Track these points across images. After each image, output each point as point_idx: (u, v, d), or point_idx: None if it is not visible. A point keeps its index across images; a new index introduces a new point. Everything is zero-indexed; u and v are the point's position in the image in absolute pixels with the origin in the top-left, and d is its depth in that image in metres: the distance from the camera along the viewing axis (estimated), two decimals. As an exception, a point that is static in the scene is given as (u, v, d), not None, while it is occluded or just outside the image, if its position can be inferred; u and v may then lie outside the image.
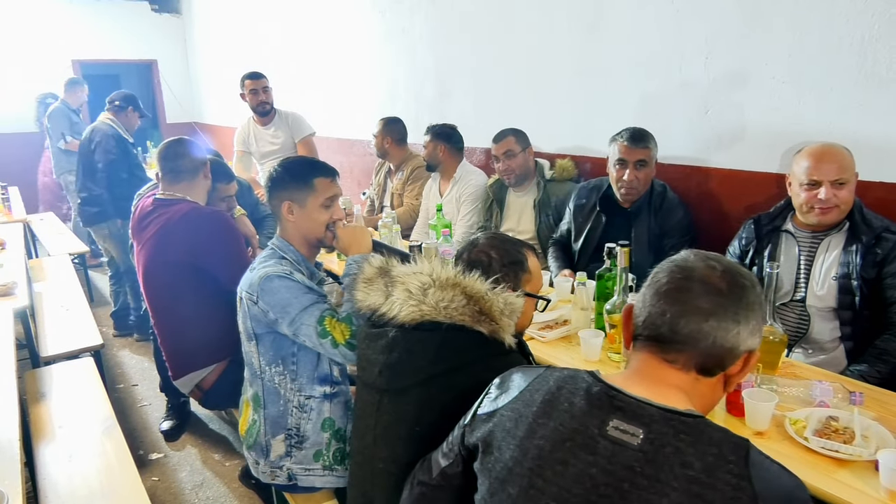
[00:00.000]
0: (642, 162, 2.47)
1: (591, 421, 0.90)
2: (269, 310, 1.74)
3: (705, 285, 0.93)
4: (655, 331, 0.94)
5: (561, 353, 1.95)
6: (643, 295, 0.98)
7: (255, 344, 1.82)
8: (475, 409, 1.08)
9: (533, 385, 1.01)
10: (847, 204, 1.90)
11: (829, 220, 1.92)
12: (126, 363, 3.99)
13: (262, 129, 4.38)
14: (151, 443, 3.06)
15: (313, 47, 5.57)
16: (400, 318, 1.34)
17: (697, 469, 0.82)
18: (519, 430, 0.96)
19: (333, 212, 1.89)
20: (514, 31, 3.42)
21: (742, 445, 0.84)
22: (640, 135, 2.48)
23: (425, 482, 1.17)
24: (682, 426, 0.86)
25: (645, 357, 0.97)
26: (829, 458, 1.34)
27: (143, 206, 2.60)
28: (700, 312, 0.92)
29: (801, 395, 1.58)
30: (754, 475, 0.81)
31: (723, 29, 2.45)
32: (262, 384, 1.83)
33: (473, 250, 1.46)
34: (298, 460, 1.82)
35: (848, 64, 2.11)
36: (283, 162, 1.93)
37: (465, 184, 3.41)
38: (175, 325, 2.51)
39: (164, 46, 8.82)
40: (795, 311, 2.03)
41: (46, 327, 3.01)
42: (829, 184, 1.87)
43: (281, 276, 1.74)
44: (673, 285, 0.94)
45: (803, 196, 1.94)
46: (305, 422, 1.81)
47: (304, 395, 1.81)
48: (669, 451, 0.84)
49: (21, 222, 4.66)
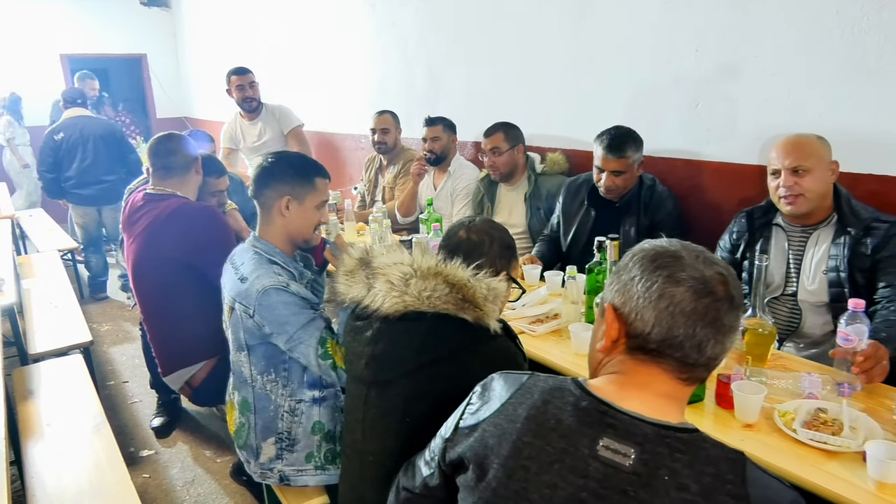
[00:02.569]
0: (617, 172, 2.46)
1: (580, 440, 0.86)
2: (266, 325, 1.71)
3: (725, 301, 0.87)
4: (679, 352, 0.87)
5: (551, 346, 1.95)
6: (653, 308, 0.87)
7: (245, 354, 1.79)
8: (457, 422, 1.03)
9: (516, 398, 0.95)
10: (813, 192, 1.88)
11: (798, 210, 1.91)
12: (116, 360, 3.97)
13: (249, 124, 4.36)
14: (142, 439, 3.05)
15: (303, 41, 5.53)
16: (383, 309, 1.33)
17: (694, 492, 0.79)
18: (503, 448, 0.91)
19: (322, 214, 1.89)
20: (504, 24, 3.41)
21: (739, 462, 0.82)
22: (617, 143, 2.43)
23: (409, 489, 1.15)
24: (678, 444, 0.83)
25: (651, 372, 0.90)
26: (817, 450, 1.34)
27: (134, 201, 2.58)
28: (724, 331, 0.87)
29: (791, 387, 1.59)
30: (752, 495, 0.79)
31: (713, 21, 2.44)
32: (253, 391, 1.81)
33: (471, 229, 1.46)
34: (290, 462, 1.81)
35: (838, 56, 2.10)
36: (283, 155, 1.90)
37: (459, 178, 3.40)
38: (165, 321, 2.50)
39: (154, 40, 8.73)
40: (787, 304, 2.03)
41: (35, 324, 2.99)
42: (788, 172, 1.88)
43: (278, 290, 1.70)
44: (700, 305, 0.86)
45: (771, 186, 1.96)
46: (297, 426, 1.80)
47: (295, 399, 1.79)
48: (664, 473, 0.80)
49: (9, 218, 4.62)
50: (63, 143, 4.84)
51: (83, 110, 5.03)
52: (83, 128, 4.87)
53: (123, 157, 4.99)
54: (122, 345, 4.21)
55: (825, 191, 1.91)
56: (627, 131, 2.47)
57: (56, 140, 4.84)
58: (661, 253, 0.90)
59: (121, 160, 4.97)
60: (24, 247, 5.23)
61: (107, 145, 4.90)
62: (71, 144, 4.84)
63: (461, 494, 0.98)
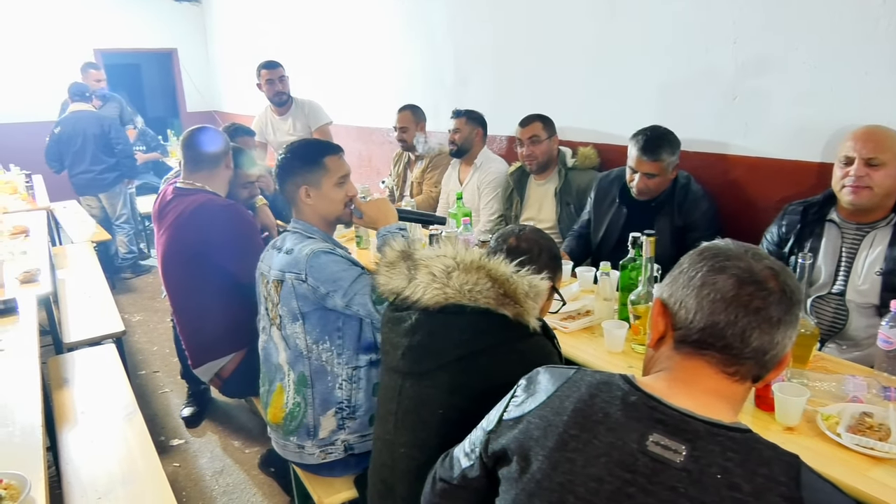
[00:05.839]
0: (651, 175, 2.41)
1: (629, 435, 0.84)
2: (320, 285, 1.75)
3: (774, 293, 0.85)
4: (721, 341, 0.86)
5: (584, 343, 1.92)
6: (696, 296, 0.87)
7: (300, 324, 1.82)
8: (500, 414, 1.01)
9: (562, 391, 0.94)
10: (882, 188, 1.82)
11: (860, 201, 1.85)
12: (147, 350, 4.04)
13: (278, 118, 4.37)
14: (172, 429, 3.09)
15: (332, 34, 5.54)
16: (423, 301, 1.33)
17: (746, 492, 0.77)
18: (548, 440, 0.90)
19: (348, 188, 1.91)
20: (534, 17, 3.36)
21: (794, 465, 0.80)
22: (652, 146, 2.37)
23: (447, 480, 1.14)
24: (730, 443, 0.80)
25: (696, 366, 0.89)
26: (863, 456, 1.30)
27: (165, 194, 2.60)
28: (771, 322, 0.85)
29: (833, 389, 1.53)
30: (806, 498, 0.77)
31: (751, 12, 2.37)
32: (310, 364, 1.84)
33: (521, 237, 1.48)
34: (353, 430, 1.85)
35: (883, 48, 2.03)
36: (289, 147, 1.93)
37: (486, 171, 3.38)
38: (193, 314, 2.52)
39: (184, 35, 8.86)
40: (832, 304, 1.97)
41: (69, 314, 3.04)
42: (862, 161, 1.82)
43: (327, 252, 1.77)
44: (743, 291, 0.85)
45: (838, 174, 1.89)
46: (356, 391, 1.84)
47: (352, 366, 1.83)
48: (716, 471, 0.78)
49: (45, 210, 4.71)
50: (62, 136, 5.26)
51: (84, 104, 5.39)
52: (77, 121, 5.26)
53: (110, 148, 5.31)
54: (153, 335, 4.27)
55: (892, 190, 1.85)
56: (664, 133, 2.41)
57: (55, 134, 5.27)
58: (710, 247, 0.92)
59: (107, 151, 5.30)
60: (59, 237, 5.33)
61: (94, 137, 5.26)
62: (66, 137, 5.25)
63: (503, 487, 0.96)
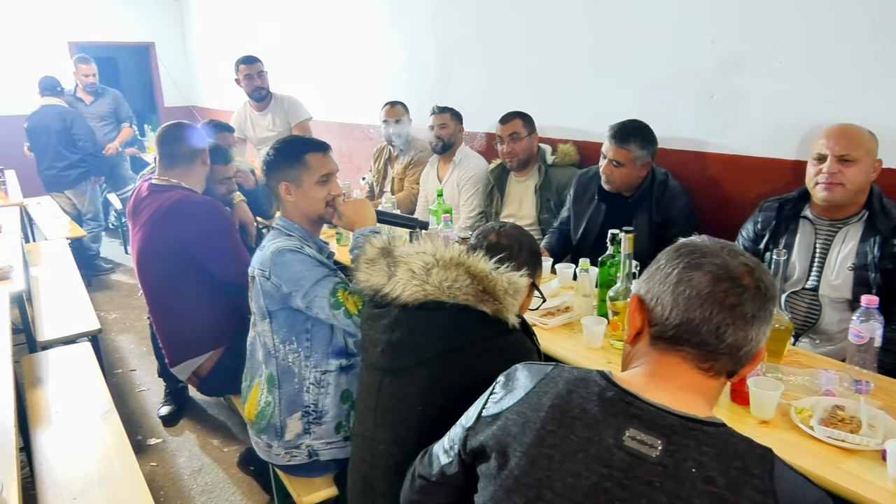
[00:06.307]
0: (617, 162, 2.43)
1: (605, 430, 0.85)
2: (283, 284, 1.73)
3: (749, 289, 0.86)
4: (696, 337, 0.87)
5: (563, 340, 1.93)
6: (672, 293, 0.89)
7: (268, 322, 1.81)
8: (479, 411, 1.02)
9: (540, 387, 0.95)
10: (854, 184, 1.86)
11: (833, 198, 1.88)
12: (124, 348, 3.98)
13: (258, 114, 4.33)
14: (150, 428, 3.05)
15: (313, 29, 5.50)
16: (403, 297, 1.33)
17: (721, 485, 0.78)
18: (526, 436, 0.91)
19: (331, 188, 1.88)
20: (516, 14, 3.37)
21: (767, 458, 0.81)
22: (624, 133, 2.40)
23: (426, 477, 1.14)
24: (705, 437, 0.82)
25: (672, 362, 0.90)
26: (835, 448, 1.32)
27: (140, 190, 2.56)
28: (746, 319, 0.86)
29: (807, 383, 1.56)
30: (779, 490, 0.78)
31: (729, 11, 2.40)
32: (277, 363, 1.82)
33: (501, 234, 1.48)
34: (319, 435, 1.82)
35: (858, 47, 2.06)
36: (276, 143, 1.91)
37: (465, 168, 3.38)
38: (170, 312, 2.49)
39: (162, 28, 8.73)
40: (806, 299, 2.00)
41: (43, 312, 2.99)
42: (834, 158, 1.85)
43: (292, 251, 1.75)
44: (718, 288, 0.86)
45: (811, 171, 1.92)
46: (324, 397, 1.81)
47: (320, 370, 1.81)
48: (691, 465, 0.80)
49: (18, 206, 4.62)
50: (29, 132, 5.16)
51: (54, 99, 5.23)
52: (42, 117, 5.14)
53: (72, 143, 5.18)
54: (130, 333, 4.21)
55: (864, 186, 1.89)
56: (640, 126, 2.44)
57: (25, 129, 5.17)
58: (687, 243, 0.93)
59: (69, 147, 5.16)
60: (33, 234, 5.23)
61: (56, 133, 5.12)
62: (33, 133, 5.16)
63: (481, 483, 0.97)
